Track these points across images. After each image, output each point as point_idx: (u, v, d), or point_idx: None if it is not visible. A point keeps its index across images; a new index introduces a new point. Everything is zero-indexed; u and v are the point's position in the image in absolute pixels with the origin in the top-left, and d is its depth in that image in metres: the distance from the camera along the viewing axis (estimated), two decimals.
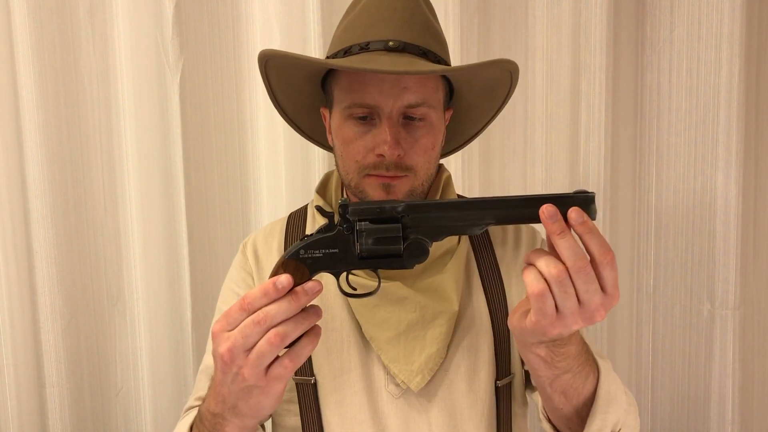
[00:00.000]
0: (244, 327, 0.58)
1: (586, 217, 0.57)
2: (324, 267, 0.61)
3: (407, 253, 0.61)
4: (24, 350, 1.22)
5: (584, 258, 0.56)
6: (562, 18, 1.21)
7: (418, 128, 0.78)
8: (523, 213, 0.59)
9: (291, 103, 0.89)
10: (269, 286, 0.58)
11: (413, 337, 0.79)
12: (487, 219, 0.60)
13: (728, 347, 1.22)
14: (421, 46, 0.77)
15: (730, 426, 1.23)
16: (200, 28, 1.21)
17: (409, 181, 0.78)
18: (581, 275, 0.55)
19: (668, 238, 1.26)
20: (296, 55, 0.78)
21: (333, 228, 0.61)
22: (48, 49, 1.17)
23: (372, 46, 0.76)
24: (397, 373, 0.79)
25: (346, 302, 0.83)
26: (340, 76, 0.79)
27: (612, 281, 0.57)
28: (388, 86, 0.75)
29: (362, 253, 0.61)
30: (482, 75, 0.81)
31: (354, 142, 0.77)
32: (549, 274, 0.56)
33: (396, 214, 0.60)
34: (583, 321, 0.58)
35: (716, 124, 1.19)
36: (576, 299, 0.56)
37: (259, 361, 0.58)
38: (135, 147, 1.21)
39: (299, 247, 0.61)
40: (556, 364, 0.65)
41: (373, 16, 0.78)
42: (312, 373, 0.82)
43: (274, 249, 0.89)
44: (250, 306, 0.58)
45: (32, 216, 1.19)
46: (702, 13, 1.19)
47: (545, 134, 1.25)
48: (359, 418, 0.81)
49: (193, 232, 1.23)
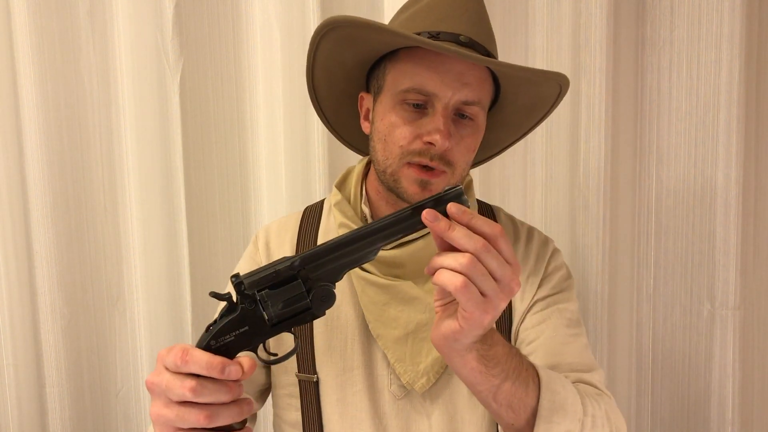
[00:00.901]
0: (173, 382, 0.56)
1: (463, 207, 0.59)
2: (240, 347, 0.60)
3: (315, 302, 0.60)
4: (24, 350, 1.22)
5: (480, 239, 0.57)
6: (562, 18, 1.21)
7: (466, 127, 0.78)
8: (407, 225, 0.61)
9: (327, 86, 0.87)
10: (217, 365, 0.55)
11: (421, 338, 0.79)
12: (378, 243, 0.61)
13: (728, 347, 1.22)
14: (486, 47, 0.78)
15: (730, 426, 1.23)
16: (200, 28, 1.21)
17: (446, 178, 0.77)
18: (487, 253, 0.57)
19: (668, 239, 1.26)
20: (375, 23, 0.74)
21: (235, 308, 0.60)
22: (48, 49, 1.17)
23: (442, 36, 0.76)
24: (402, 374, 0.79)
25: (353, 299, 0.83)
26: (402, 58, 0.78)
27: (509, 251, 0.58)
28: (451, 78, 0.75)
29: (272, 320, 0.60)
30: (535, 88, 0.81)
31: (402, 126, 0.76)
32: (461, 266, 0.56)
33: (292, 271, 0.60)
34: (505, 295, 0.58)
35: (716, 125, 1.19)
36: (492, 278, 0.57)
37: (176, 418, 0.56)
38: (135, 147, 1.21)
39: (208, 339, 0.59)
40: (491, 371, 0.64)
41: (444, 10, 0.78)
42: (315, 371, 0.83)
43: (286, 242, 0.89)
44: (186, 367, 0.56)
45: (32, 216, 1.19)
46: (702, 13, 1.19)
47: (545, 134, 1.25)
48: (360, 417, 0.81)
49: (193, 232, 1.23)
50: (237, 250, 1.27)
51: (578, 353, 0.82)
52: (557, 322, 0.83)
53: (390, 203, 0.83)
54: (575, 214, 1.24)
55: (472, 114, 0.78)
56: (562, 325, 0.83)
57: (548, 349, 0.81)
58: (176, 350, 0.56)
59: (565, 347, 0.81)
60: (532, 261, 0.87)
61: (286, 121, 1.20)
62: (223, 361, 0.56)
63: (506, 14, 1.23)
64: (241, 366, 0.57)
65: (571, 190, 1.24)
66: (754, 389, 1.29)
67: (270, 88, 1.21)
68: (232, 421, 0.58)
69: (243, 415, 0.58)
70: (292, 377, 0.85)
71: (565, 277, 0.88)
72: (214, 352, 0.58)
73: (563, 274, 0.88)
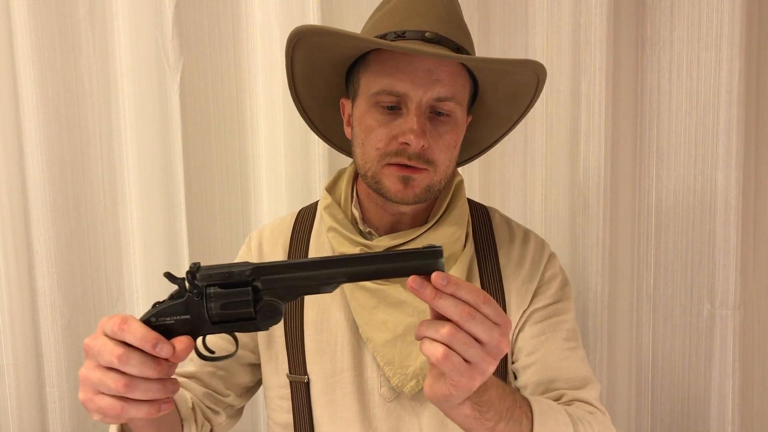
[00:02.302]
0: (105, 346, 0.57)
1: (448, 276, 0.57)
2: (178, 333, 0.59)
3: (260, 315, 0.59)
4: (24, 350, 1.22)
5: (465, 306, 0.56)
6: (562, 18, 1.21)
7: (444, 123, 0.77)
8: (373, 269, 0.59)
9: (309, 93, 0.88)
10: (151, 340, 0.56)
11: (410, 341, 0.79)
12: (338, 278, 0.59)
13: (728, 347, 1.22)
14: (455, 41, 0.78)
15: (730, 426, 1.23)
16: (200, 28, 1.21)
17: (428, 175, 0.77)
18: (471, 321, 0.56)
19: (668, 239, 1.26)
20: (337, 29, 0.76)
21: (183, 294, 0.60)
22: (48, 49, 1.17)
23: (408, 35, 0.76)
24: (391, 377, 0.79)
25: (344, 302, 0.83)
26: (371, 62, 0.78)
27: (496, 313, 0.57)
28: (421, 76, 0.74)
29: (213, 318, 0.59)
30: (511, 77, 0.81)
31: (377, 129, 0.76)
32: (442, 336, 0.56)
33: (245, 277, 0.59)
34: (493, 357, 0.58)
35: (716, 125, 1.19)
36: (477, 344, 0.56)
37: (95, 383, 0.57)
38: (135, 147, 1.21)
39: (150, 315, 0.59)
40: (486, 416, 0.64)
41: (410, 9, 0.78)
42: (305, 372, 0.83)
43: (279, 245, 0.89)
44: (122, 334, 0.56)
45: (32, 216, 1.19)
46: (702, 13, 1.19)
47: (545, 134, 1.25)
48: (349, 419, 0.81)
49: (193, 232, 1.23)
50: (237, 251, 1.26)
51: (575, 369, 0.82)
52: (556, 335, 0.83)
53: (379, 205, 0.83)
54: (575, 214, 1.24)
55: (448, 110, 0.77)
56: (560, 338, 0.83)
57: (546, 364, 0.81)
58: (117, 318, 0.57)
59: (563, 362, 0.82)
60: (527, 265, 0.86)
61: (286, 120, 1.20)
62: (157, 337, 0.57)
63: (506, 14, 1.23)
64: (173, 347, 0.57)
65: (571, 190, 1.24)
66: (754, 389, 1.29)
67: (270, 88, 1.21)
68: (150, 396, 0.57)
69: (165, 393, 0.58)
70: (283, 378, 0.85)
71: (563, 284, 0.88)
72: (153, 329, 0.58)
73: (560, 281, 0.88)
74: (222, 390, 0.86)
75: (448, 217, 0.84)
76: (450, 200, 0.85)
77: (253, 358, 0.89)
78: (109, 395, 0.57)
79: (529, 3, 1.23)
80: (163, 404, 0.59)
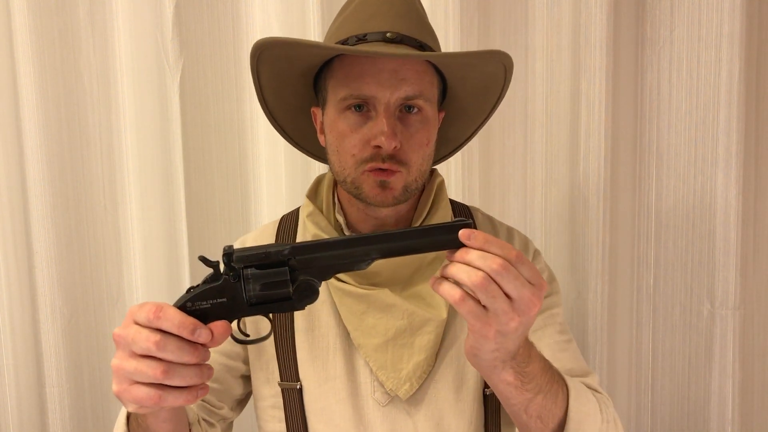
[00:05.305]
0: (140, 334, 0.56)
1: (484, 234, 0.59)
2: (214, 317, 0.60)
3: (297, 295, 0.60)
4: (24, 350, 1.22)
5: (500, 260, 0.57)
6: (562, 18, 1.21)
7: (415, 122, 0.77)
8: (405, 245, 0.61)
9: (279, 104, 0.88)
10: (189, 326, 0.56)
11: (401, 344, 0.78)
12: (373, 254, 0.61)
13: (728, 347, 1.22)
14: (417, 38, 0.77)
15: (730, 426, 1.23)
16: (200, 28, 1.21)
17: (403, 177, 0.77)
18: (504, 274, 0.56)
19: (668, 238, 1.26)
20: (295, 39, 0.77)
21: (219, 277, 0.60)
22: (48, 49, 1.17)
23: (369, 37, 0.76)
24: (384, 381, 0.79)
25: (333, 309, 0.82)
26: (336, 68, 0.78)
27: (532, 272, 0.58)
28: (386, 77, 0.74)
29: (251, 299, 0.60)
30: (477, 70, 0.81)
31: (350, 135, 0.76)
32: (472, 282, 0.56)
33: (282, 257, 0.60)
34: (520, 315, 0.58)
35: (716, 124, 1.19)
36: (505, 298, 0.57)
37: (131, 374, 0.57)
38: (135, 147, 1.21)
39: (186, 299, 0.59)
40: (527, 386, 0.65)
41: (369, 10, 0.78)
42: (298, 379, 0.82)
43: None
44: (158, 322, 0.56)
45: (32, 216, 1.19)
46: (702, 13, 1.19)
47: (545, 134, 1.25)
48: (344, 426, 0.80)
49: (193, 232, 1.23)
50: None
51: (574, 359, 0.84)
52: (551, 328, 0.84)
53: (361, 210, 0.83)
54: (575, 214, 1.24)
55: (418, 107, 0.77)
56: (555, 331, 0.84)
57: (547, 356, 0.81)
58: (150, 305, 0.57)
59: (563, 354, 0.83)
60: None
61: None
62: (194, 323, 0.56)
63: (506, 14, 1.23)
64: (211, 332, 0.57)
65: (571, 190, 1.24)
66: (754, 389, 1.29)
67: None
68: (188, 382, 0.57)
69: (202, 378, 0.58)
70: (274, 388, 0.84)
71: (550, 279, 0.89)
72: (188, 314, 0.58)
73: (548, 276, 0.89)
74: (215, 402, 0.85)
75: (431, 219, 0.84)
76: (432, 202, 0.85)
77: (246, 370, 0.88)
78: (145, 384, 0.57)
79: (529, 2, 1.23)
80: (200, 390, 0.59)
